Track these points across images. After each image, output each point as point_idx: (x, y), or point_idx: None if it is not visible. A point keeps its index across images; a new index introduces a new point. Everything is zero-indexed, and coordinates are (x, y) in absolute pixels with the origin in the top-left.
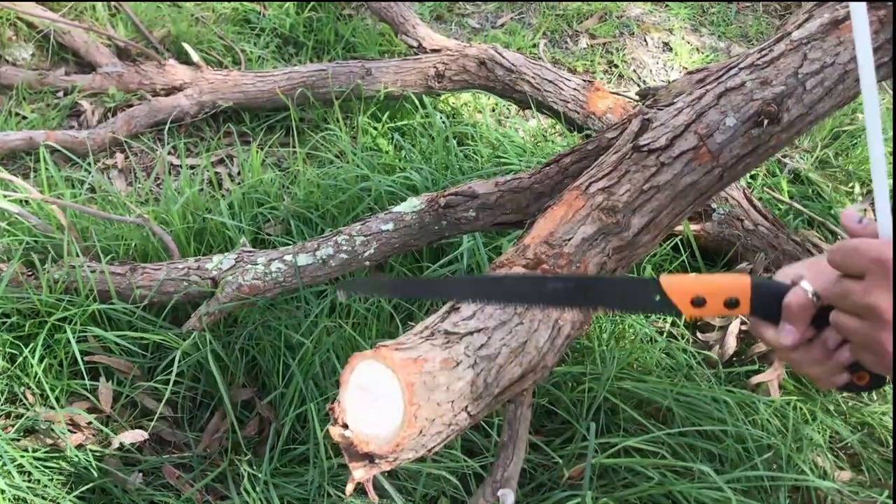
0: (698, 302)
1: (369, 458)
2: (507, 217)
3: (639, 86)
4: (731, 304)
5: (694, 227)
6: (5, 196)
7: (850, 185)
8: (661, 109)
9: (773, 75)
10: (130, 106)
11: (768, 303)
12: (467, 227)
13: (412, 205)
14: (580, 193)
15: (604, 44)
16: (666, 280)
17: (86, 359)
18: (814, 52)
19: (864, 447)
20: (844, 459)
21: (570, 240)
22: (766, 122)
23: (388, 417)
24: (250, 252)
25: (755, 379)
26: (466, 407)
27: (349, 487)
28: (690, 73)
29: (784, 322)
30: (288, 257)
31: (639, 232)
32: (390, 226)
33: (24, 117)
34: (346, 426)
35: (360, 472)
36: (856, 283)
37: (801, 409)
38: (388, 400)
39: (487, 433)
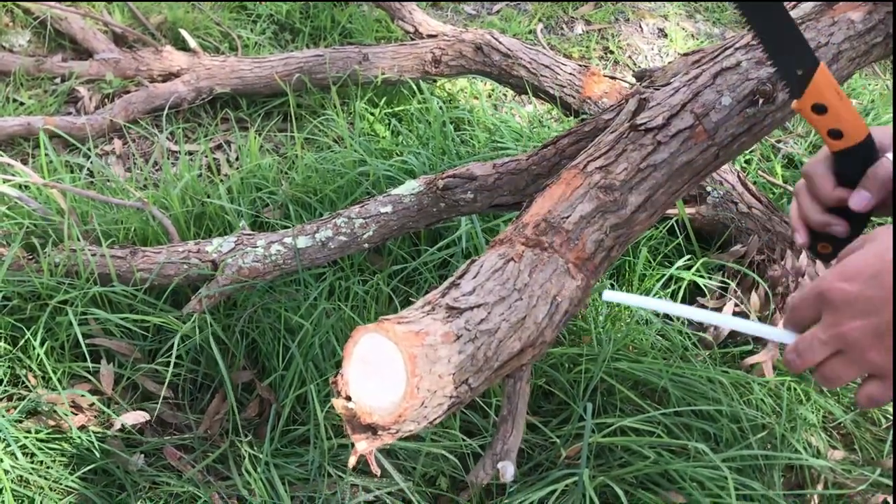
0: (819, 108)
1: (372, 429)
2: (505, 199)
3: (634, 72)
4: (836, 134)
5: (689, 209)
6: (5, 181)
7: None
8: (658, 89)
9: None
10: (128, 92)
11: (856, 159)
12: (466, 209)
13: (410, 187)
14: (578, 172)
15: (599, 30)
16: (822, 70)
17: (87, 341)
18: (808, 32)
19: (857, 427)
20: (837, 439)
21: (568, 217)
22: (761, 101)
23: (390, 389)
24: (250, 235)
25: (749, 360)
26: (467, 379)
27: (352, 460)
28: (686, 54)
29: (861, 188)
30: (287, 240)
31: (636, 210)
32: (389, 208)
33: (22, 103)
34: (349, 398)
35: (362, 444)
36: (818, 329)
37: (794, 389)
38: (390, 372)
39: (486, 413)
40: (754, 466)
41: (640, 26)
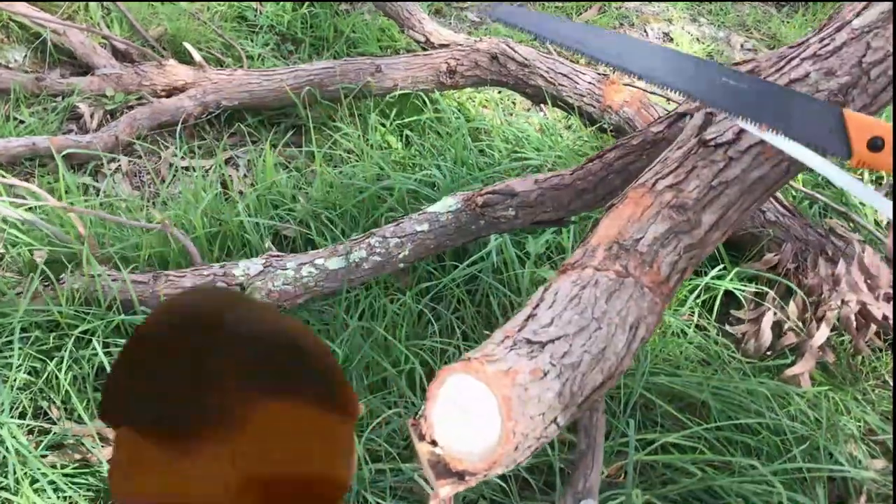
0: (875, 145)
1: (459, 475)
2: (548, 215)
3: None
4: None
5: None
6: (19, 205)
7: (859, 172)
8: None
9: (837, 65)
10: (130, 107)
11: None
12: (506, 226)
13: (447, 205)
14: (647, 191)
15: None
16: (848, 113)
17: None
18: (877, 40)
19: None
20: (876, 448)
21: (641, 239)
22: None
23: (483, 434)
24: (278, 257)
25: (789, 371)
26: (556, 418)
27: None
28: (737, 64)
29: None
30: (318, 261)
31: (710, 229)
32: (425, 226)
33: (22, 121)
34: (434, 442)
35: (446, 489)
36: None
37: (833, 399)
38: (483, 415)
39: None
40: (797, 479)
41: (645, 31)
